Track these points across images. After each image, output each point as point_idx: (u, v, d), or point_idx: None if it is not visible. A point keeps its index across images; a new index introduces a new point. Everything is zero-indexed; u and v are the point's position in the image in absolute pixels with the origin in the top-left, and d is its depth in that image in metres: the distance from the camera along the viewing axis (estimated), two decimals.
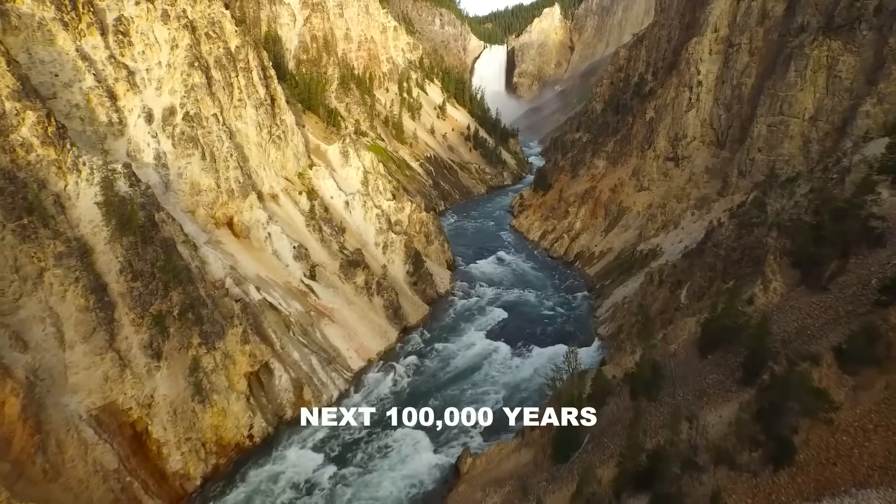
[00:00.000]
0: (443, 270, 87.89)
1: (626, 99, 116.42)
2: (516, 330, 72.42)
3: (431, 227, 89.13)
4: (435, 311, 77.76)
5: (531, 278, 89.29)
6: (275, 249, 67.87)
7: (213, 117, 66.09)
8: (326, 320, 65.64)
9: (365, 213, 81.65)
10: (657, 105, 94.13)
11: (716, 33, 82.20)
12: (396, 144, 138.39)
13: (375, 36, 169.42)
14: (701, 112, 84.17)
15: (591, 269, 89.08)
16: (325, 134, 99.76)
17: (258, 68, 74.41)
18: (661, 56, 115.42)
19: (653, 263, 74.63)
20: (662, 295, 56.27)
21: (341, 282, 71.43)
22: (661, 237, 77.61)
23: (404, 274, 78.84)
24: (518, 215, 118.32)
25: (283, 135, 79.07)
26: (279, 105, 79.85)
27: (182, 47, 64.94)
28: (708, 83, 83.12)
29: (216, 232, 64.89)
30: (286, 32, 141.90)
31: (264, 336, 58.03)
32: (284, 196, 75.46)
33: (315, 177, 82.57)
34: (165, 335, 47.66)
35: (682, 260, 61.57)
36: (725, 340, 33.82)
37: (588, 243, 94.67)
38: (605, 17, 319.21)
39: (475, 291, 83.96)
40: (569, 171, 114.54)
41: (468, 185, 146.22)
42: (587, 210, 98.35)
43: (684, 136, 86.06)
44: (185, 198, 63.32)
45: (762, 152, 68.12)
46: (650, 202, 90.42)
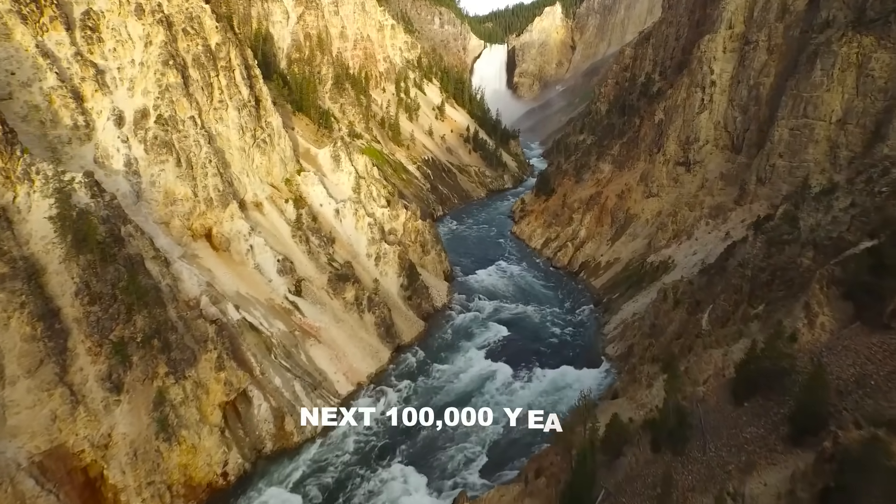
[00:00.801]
0: (440, 282, 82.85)
1: (632, 100, 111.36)
2: (518, 349, 67.39)
3: (427, 236, 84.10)
4: (431, 327, 72.75)
5: (533, 290, 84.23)
6: (257, 263, 62.86)
7: (189, 120, 61.07)
8: (312, 340, 60.63)
9: (356, 221, 76.62)
10: (667, 106, 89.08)
11: (730, 30, 77.13)
12: (393, 147, 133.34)
13: (372, 34, 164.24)
14: (714, 114, 79.12)
15: (597, 280, 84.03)
16: (316, 137, 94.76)
17: (241, 67, 69.37)
18: (668, 55, 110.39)
19: (664, 277, 69.63)
20: (679, 316, 51.25)
21: (329, 297, 66.41)
22: (673, 248, 72.54)
23: (398, 287, 73.82)
24: (519, 221, 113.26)
25: (269, 138, 74.06)
26: (264, 106, 74.81)
27: (156, 44, 59.92)
28: (722, 83, 78.06)
29: (193, 245, 59.88)
30: (278, 31, 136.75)
31: (242, 360, 53.03)
32: (269, 204, 70.45)
33: (303, 183, 77.54)
34: (127, 365, 42.65)
35: (700, 276, 56.52)
36: (765, 386, 28.78)
37: (593, 253, 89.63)
38: (607, 15, 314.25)
39: (474, 305, 78.92)
40: (572, 175, 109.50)
41: (467, 188, 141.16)
42: (592, 217, 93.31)
43: (696, 140, 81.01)
44: (159, 208, 58.31)
45: (784, 158, 63.08)
46: (659, 209, 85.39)
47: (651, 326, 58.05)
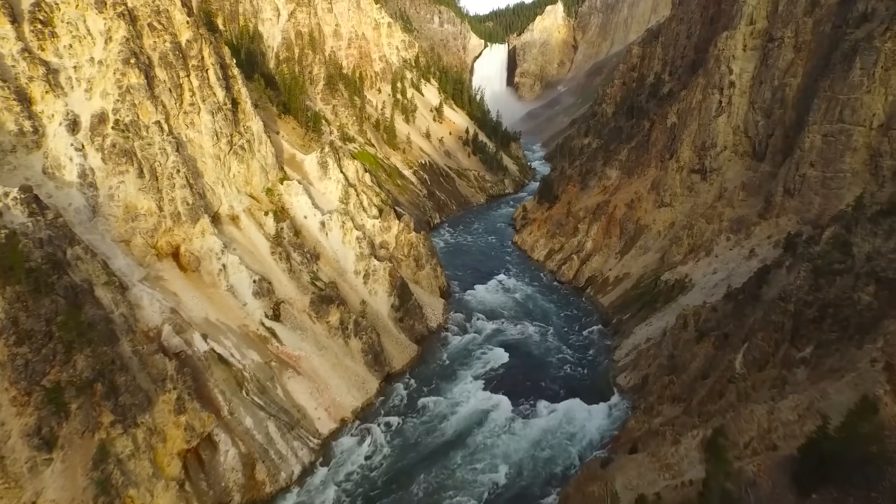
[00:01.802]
0: (435, 300, 76.53)
1: (640, 101, 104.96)
2: (519, 377, 61.10)
3: (422, 250, 77.75)
4: (425, 351, 66.45)
5: (536, 308, 77.88)
6: (230, 285, 56.54)
7: (155, 125, 54.77)
8: (291, 372, 54.31)
9: (343, 235, 70.28)
10: (680, 109, 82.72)
11: (751, 26, 70.78)
12: (388, 150, 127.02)
13: (367, 33, 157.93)
14: (733, 117, 72.76)
15: (605, 297, 77.67)
16: (304, 141, 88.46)
17: (216, 67, 63.03)
18: (679, 54, 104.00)
19: (681, 298, 63.31)
20: (704, 350, 44.90)
21: (312, 321, 60.11)
22: (690, 265, 66.20)
23: (388, 308, 67.48)
24: (521, 230, 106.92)
25: (248, 144, 67.72)
26: (243, 110, 68.46)
27: (116, 41, 53.60)
28: (742, 84, 71.69)
29: (157, 265, 53.58)
30: (268, 29, 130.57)
31: (208, 399, 46.74)
32: (247, 218, 64.12)
33: (286, 193, 71.20)
34: (63, 415, 36.36)
35: (725, 302, 50.17)
36: (841, 476, 22.45)
37: (601, 266, 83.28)
38: (609, 14, 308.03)
39: (472, 326, 72.59)
40: (577, 181, 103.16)
41: (466, 194, 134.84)
42: (599, 227, 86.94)
43: (713, 146, 74.66)
44: (118, 224, 51.99)
45: (816, 167, 56.73)
46: (672, 220, 79.05)
47: (669, 357, 51.71)
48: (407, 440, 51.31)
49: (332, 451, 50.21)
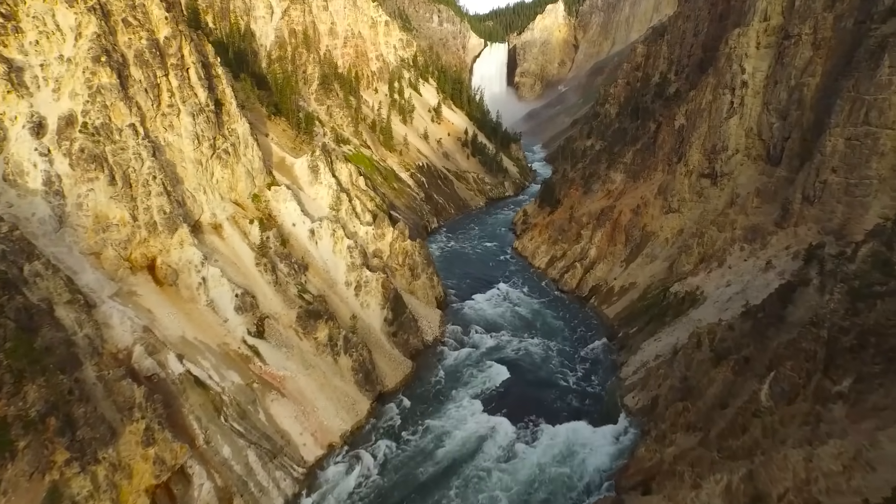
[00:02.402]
0: (431, 311, 72.68)
1: (645, 102, 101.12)
2: (520, 397, 57.28)
3: (417, 258, 73.88)
4: (420, 367, 62.62)
5: (537, 320, 74.02)
6: (210, 299, 52.68)
7: (128, 128, 50.92)
8: (274, 394, 50.47)
9: (334, 244, 66.42)
10: (688, 110, 78.83)
11: (766, 22, 66.90)
12: (384, 152, 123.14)
13: (364, 31, 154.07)
14: (746, 119, 68.90)
15: (610, 308, 73.82)
16: (295, 144, 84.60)
17: (198, 65, 59.16)
18: (686, 52, 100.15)
19: (692, 312, 59.48)
20: (722, 375, 41.04)
21: (298, 338, 56.27)
22: (702, 276, 62.33)
23: (381, 322, 63.61)
24: (521, 235, 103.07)
25: (233, 148, 63.86)
26: (228, 111, 64.61)
27: (86, 37, 49.73)
28: (755, 84, 67.82)
29: (130, 280, 49.72)
30: (261, 27, 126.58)
31: (182, 427, 42.98)
32: (231, 226, 60.26)
33: (274, 199, 67.33)
34: (8, 455, 32.50)
35: (743, 321, 46.31)
36: None
37: (605, 275, 79.41)
38: (611, 13, 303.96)
39: (470, 339, 68.73)
40: (580, 184, 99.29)
41: (465, 197, 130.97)
42: (604, 234, 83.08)
43: (724, 149, 70.79)
44: (87, 236, 48.13)
45: (838, 173, 52.86)
46: (681, 227, 75.18)
47: (682, 380, 47.87)
48: (399, 468, 47.50)
49: (318, 480, 46.41)
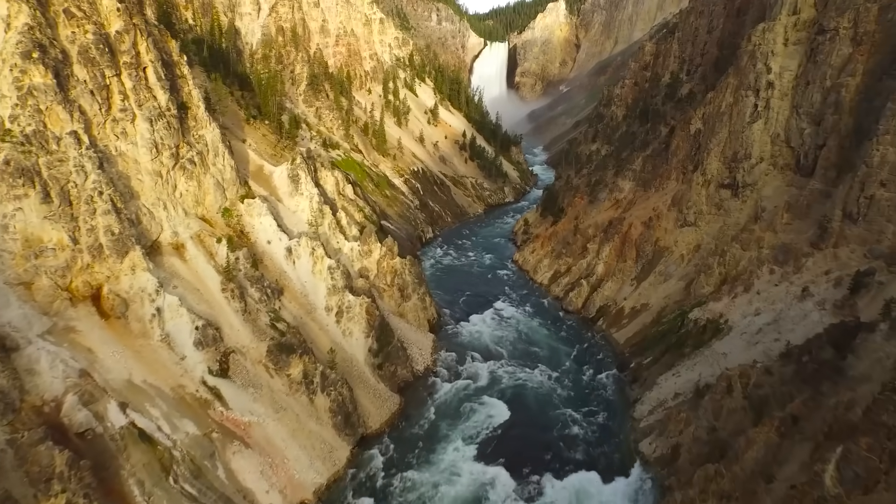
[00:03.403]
0: (422, 335, 65.87)
1: (655, 104, 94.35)
2: (521, 441, 50.51)
3: (408, 278, 67.04)
4: (408, 403, 55.86)
5: (539, 345, 67.23)
6: (166, 334, 45.86)
7: (69, 137, 44.11)
8: (237, 445, 43.68)
9: (314, 263, 59.61)
10: (706, 114, 71.98)
11: (795, 16, 60.09)
12: (376, 157, 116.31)
13: (357, 29, 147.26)
14: (772, 124, 62.09)
15: (620, 332, 67.05)
16: (275, 150, 77.76)
17: (157, 64, 52.33)
18: (699, 51, 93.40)
19: (715, 343, 52.65)
20: (764, 437, 34.21)
21: (269, 375, 49.47)
22: (725, 302, 55.49)
23: (365, 352, 56.80)
24: (522, 247, 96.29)
25: (200, 157, 57.08)
26: (195, 115, 57.84)
27: (15, 29, 42.91)
28: (783, 85, 61.01)
29: (69, 313, 42.91)
30: (247, 24, 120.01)
31: (119, 495, 36.23)
32: (195, 246, 53.44)
33: (247, 213, 60.55)
34: None
35: (782, 364, 39.54)
36: None
37: (614, 295, 72.60)
38: (613, 11, 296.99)
39: (465, 369, 61.95)
40: (585, 192, 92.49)
41: (463, 203, 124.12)
42: (612, 249, 76.25)
43: (747, 157, 64.01)
44: (15, 263, 41.29)
45: (888, 187, 46.12)
46: (697, 243, 68.39)
47: (710, 431, 41.11)
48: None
49: None
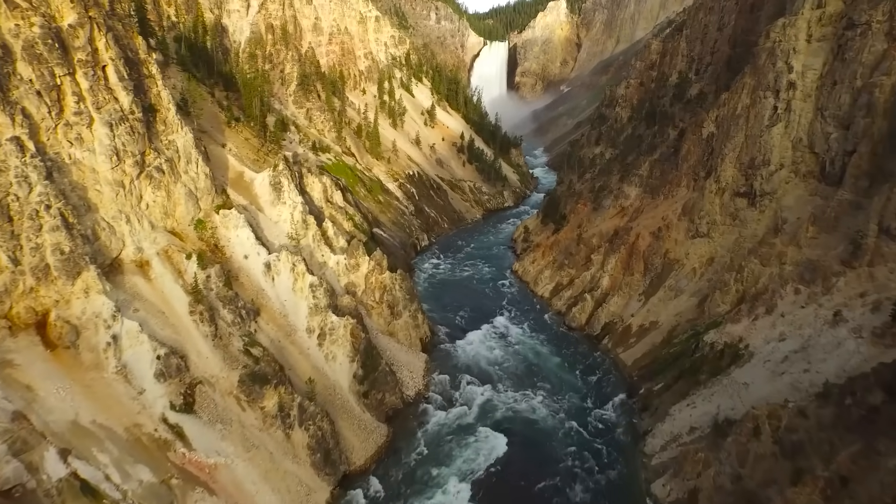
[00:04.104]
0: (414, 356, 60.94)
1: (663, 105, 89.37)
2: (519, 479, 45.60)
3: (398, 294, 62.11)
4: (397, 434, 50.95)
5: (540, 366, 62.31)
6: (122, 365, 40.93)
7: (10, 143, 39.23)
8: (201, 492, 38.75)
9: (294, 281, 54.68)
10: (720, 116, 67.00)
11: (820, 10, 55.14)
12: (370, 160, 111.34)
13: (351, 27, 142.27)
14: (793, 128, 57.15)
15: (628, 352, 62.12)
16: (258, 155, 72.72)
17: (119, 62, 47.39)
18: (708, 49, 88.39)
19: (735, 371, 47.66)
20: (805, 499, 29.27)
21: (240, 408, 44.53)
22: (745, 324, 50.48)
23: (350, 379, 51.87)
24: (522, 256, 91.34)
25: (170, 164, 52.17)
26: (165, 119, 52.96)
27: None
28: (806, 85, 56.07)
29: (7, 344, 37.99)
30: (235, 21, 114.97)
31: None
32: (162, 263, 48.48)
33: (223, 225, 55.62)
34: None
35: (819, 406, 34.60)
36: None
37: (620, 311, 67.62)
38: (615, 10, 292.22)
39: (459, 394, 57.02)
40: (589, 199, 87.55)
41: (460, 209, 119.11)
42: (618, 261, 71.28)
43: (765, 163, 59.05)
44: None
45: None
46: (711, 255, 63.46)
47: (735, 479, 36.19)
48: None
49: None
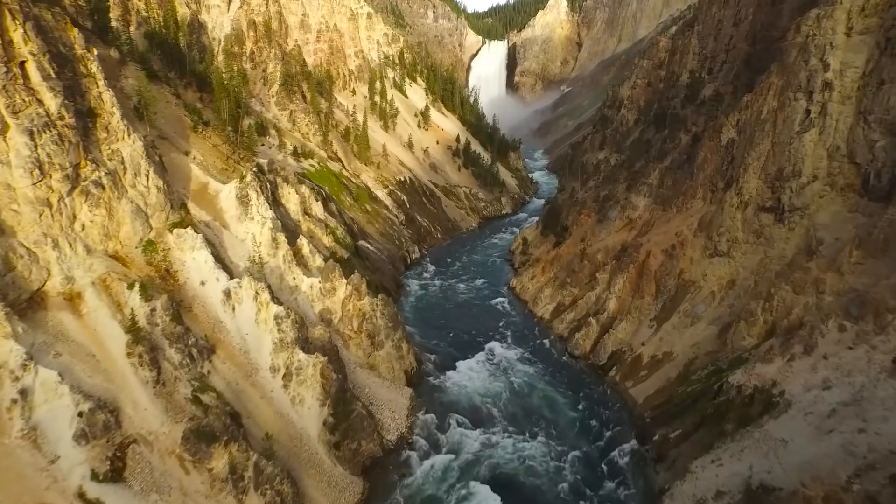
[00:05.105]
0: (396, 392, 53.85)
1: (673, 107, 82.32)
2: None
3: (379, 322, 55.03)
4: (374, 488, 43.96)
5: (540, 403, 55.23)
6: (32, 426, 33.80)
7: None
8: None
9: (258, 311, 47.56)
10: (741, 121, 59.94)
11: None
12: (358, 165, 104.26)
13: (341, 24, 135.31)
14: (830, 134, 50.14)
15: (639, 388, 55.07)
16: (227, 164, 65.58)
17: (42, 57, 40.35)
18: (723, 46, 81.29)
19: (768, 422, 40.48)
20: None
21: (183, 470, 37.40)
22: (779, 366, 43.31)
23: (319, 426, 44.75)
24: (520, 271, 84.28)
25: (113, 177, 45.14)
26: (108, 125, 45.90)
27: None
28: (845, 85, 49.06)
29: None
30: (214, 17, 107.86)
31: None
32: (96, 295, 41.37)
33: (178, 246, 48.55)
34: None
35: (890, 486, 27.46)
36: None
37: (629, 338, 60.57)
38: (616, 8, 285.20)
39: (447, 438, 49.92)
40: (593, 209, 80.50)
41: (455, 217, 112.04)
42: (626, 281, 64.23)
43: (796, 174, 52.02)
44: None
45: None
46: (732, 277, 56.40)
47: None
48: None
49: None
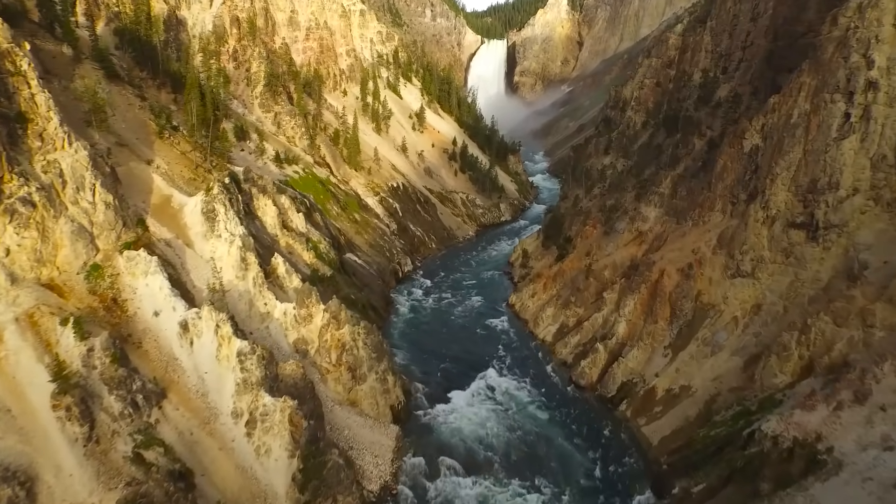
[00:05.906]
0: (380, 432, 47.63)
1: (686, 109, 76.12)
2: None
3: (361, 353, 48.81)
4: None
5: (542, 445, 48.97)
6: None
7: None
8: None
9: (219, 346, 41.35)
10: (767, 125, 53.75)
11: None
12: (347, 171, 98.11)
13: (332, 21, 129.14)
14: (873, 141, 44.04)
15: (653, 426, 48.87)
16: (196, 173, 59.35)
17: None
18: (739, 43, 75.05)
19: (814, 485, 34.25)
20: None
21: None
22: (824, 415, 37.08)
23: (287, 482, 38.48)
24: (519, 286, 78.08)
25: (48, 193, 39.02)
26: (42, 132, 39.81)
27: None
28: (892, 86, 42.97)
29: None
30: (196, 13, 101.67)
31: None
32: (19, 334, 35.12)
33: (128, 271, 42.38)
34: None
35: None
36: None
37: (641, 368, 54.38)
38: (618, 7, 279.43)
39: (437, 488, 43.73)
40: (598, 219, 74.33)
41: (450, 225, 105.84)
42: (637, 302, 58.06)
43: (832, 186, 45.91)
44: None
45: None
46: (757, 301, 50.22)
47: None
48: None
49: None
